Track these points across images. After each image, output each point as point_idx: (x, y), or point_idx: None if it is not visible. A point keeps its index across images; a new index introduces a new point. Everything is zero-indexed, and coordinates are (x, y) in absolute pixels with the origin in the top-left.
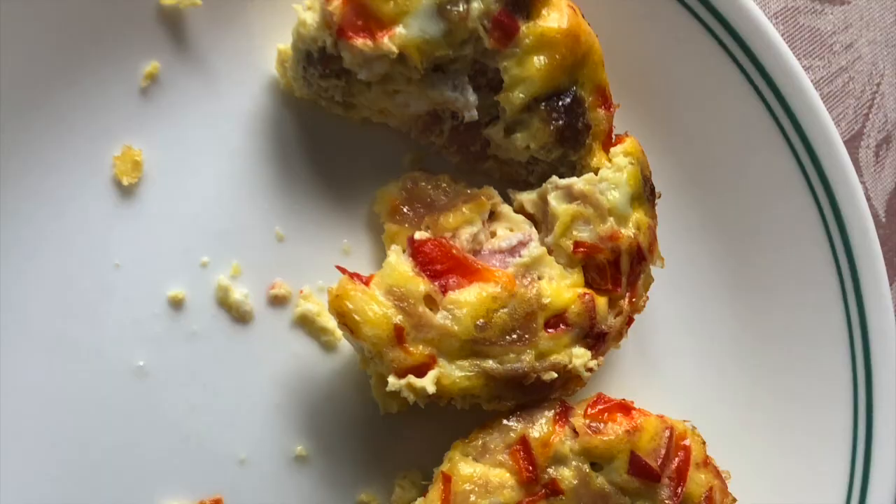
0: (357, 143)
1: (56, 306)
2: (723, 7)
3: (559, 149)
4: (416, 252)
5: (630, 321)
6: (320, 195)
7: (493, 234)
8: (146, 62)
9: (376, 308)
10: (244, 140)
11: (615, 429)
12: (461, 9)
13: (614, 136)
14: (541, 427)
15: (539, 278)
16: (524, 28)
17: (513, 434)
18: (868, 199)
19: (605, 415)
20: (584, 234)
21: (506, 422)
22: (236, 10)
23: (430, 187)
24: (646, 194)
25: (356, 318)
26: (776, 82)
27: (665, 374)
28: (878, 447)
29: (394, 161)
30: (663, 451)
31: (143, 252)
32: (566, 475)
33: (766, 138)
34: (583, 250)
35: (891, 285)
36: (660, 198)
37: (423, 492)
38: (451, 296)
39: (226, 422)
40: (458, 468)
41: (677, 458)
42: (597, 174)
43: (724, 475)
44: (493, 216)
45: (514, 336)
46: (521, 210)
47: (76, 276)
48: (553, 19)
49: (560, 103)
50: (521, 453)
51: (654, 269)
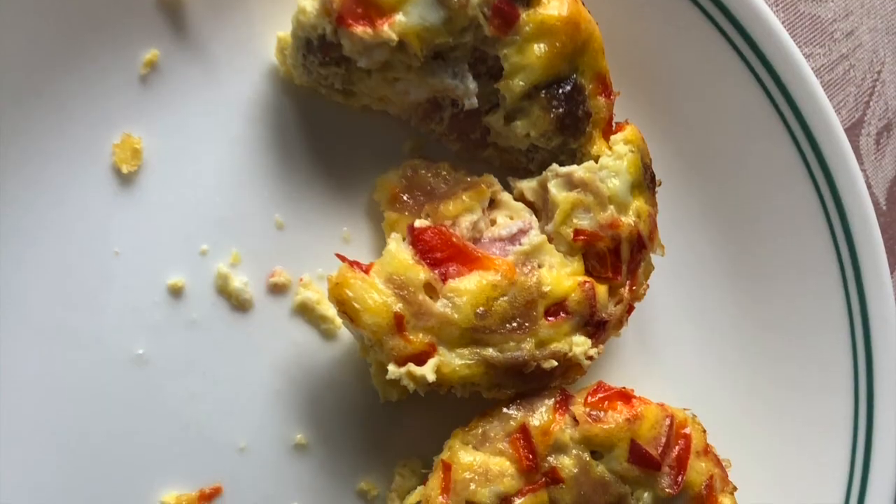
0: (357, 131)
1: (55, 294)
2: None
3: (559, 136)
4: (416, 240)
5: (630, 309)
6: (320, 183)
7: (493, 222)
8: (146, 50)
9: (376, 296)
10: (244, 128)
11: (615, 417)
12: None
13: (614, 124)
14: (541, 415)
15: (539, 266)
16: (524, 15)
17: (513, 422)
18: (869, 186)
19: (606, 403)
20: (584, 221)
21: (506, 410)
22: None
23: (430, 175)
24: (646, 182)
25: (356, 306)
26: (777, 70)
27: (665, 363)
28: (879, 435)
29: (394, 149)
30: (664, 440)
31: (142, 240)
32: (566, 463)
33: (767, 126)
34: (583, 238)
35: (891, 273)
36: (660, 185)
37: (423, 480)
38: (451, 284)
39: (225, 410)
40: (458, 456)
41: (678, 447)
42: (597, 162)
43: (724, 463)
44: (493, 204)
45: (514, 324)
46: (521, 198)
47: (75, 264)
48: (553, 7)
49: (560, 91)
50: (522, 441)
51: (655, 258)
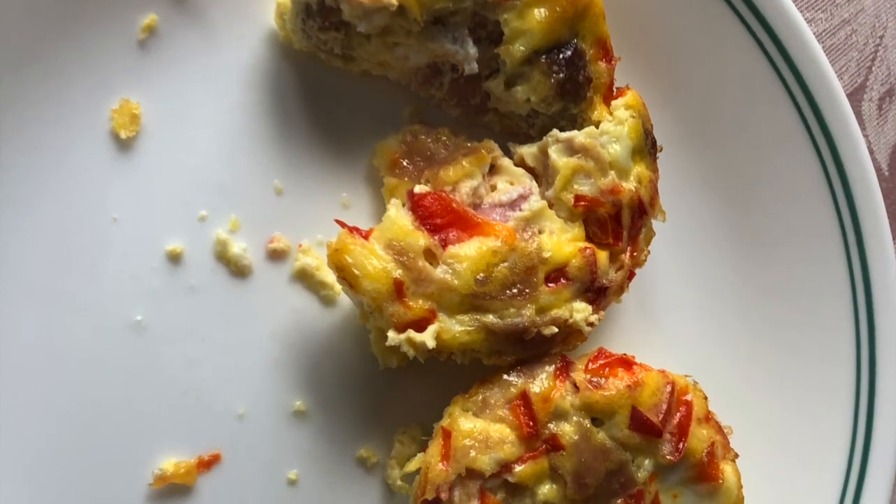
0: (356, 96)
1: (53, 260)
2: None
3: (560, 102)
4: (416, 206)
5: (631, 275)
6: (319, 148)
7: (494, 188)
8: (144, 14)
9: (376, 262)
10: (243, 93)
11: (616, 384)
12: None
13: (615, 90)
14: (541, 382)
15: (539, 232)
16: None
17: (513, 389)
18: (871, 152)
19: (606, 370)
20: (584, 187)
21: (506, 377)
22: None
23: (429, 140)
24: (647, 147)
25: (355, 272)
26: (778, 35)
27: (666, 329)
28: (881, 402)
29: (393, 114)
30: (665, 407)
31: (141, 206)
32: (567, 430)
33: (769, 91)
34: (584, 204)
35: (894, 239)
36: (661, 151)
37: (423, 447)
38: (451, 250)
39: (224, 377)
40: (458, 423)
41: (679, 414)
42: (598, 127)
43: (725, 430)
44: (493, 169)
45: (515, 290)
46: (521, 163)
47: (73, 230)
48: None
49: (561, 56)
50: (522, 408)
51: (656, 223)
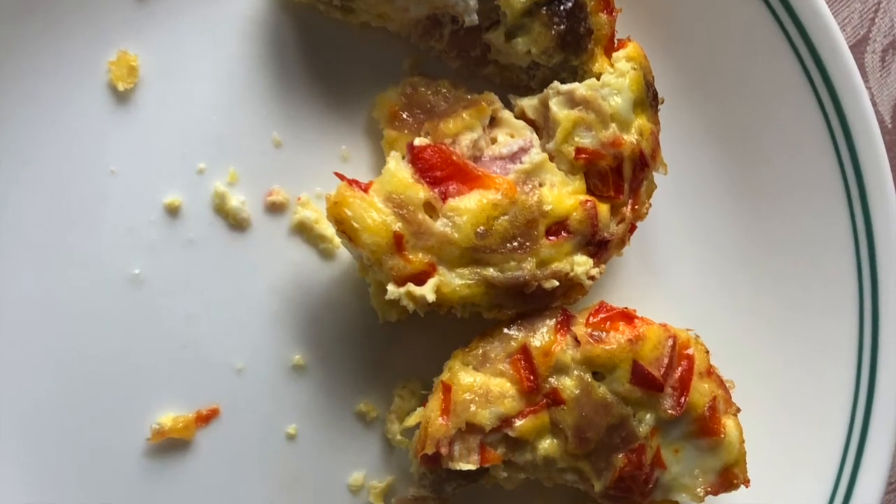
0: (356, 48)
1: (51, 213)
2: None
3: (560, 54)
4: (416, 158)
5: (632, 228)
6: (318, 100)
7: (494, 141)
8: None
9: (375, 215)
10: (241, 45)
11: (617, 338)
12: None
13: (616, 41)
14: (542, 336)
15: (540, 185)
16: None
17: (514, 343)
18: (874, 104)
19: (608, 323)
20: (585, 140)
21: (506, 330)
22: None
23: (429, 93)
24: (648, 100)
25: (355, 225)
26: None
27: (668, 283)
28: (884, 356)
29: (393, 66)
30: (666, 361)
31: (138, 158)
32: (568, 385)
33: (771, 43)
34: (584, 157)
35: None
36: (663, 103)
37: (423, 401)
38: (451, 203)
39: (223, 330)
40: (458, 378)
41: (680, 368)
42: (599, 79)
43: (727, 384)
44: (493, 122)
45: (515, 244)
46: (521, 116)
47: (71, 182)
48: None
49: (561, 7)
50: (522, 362)
51: (657, 176)
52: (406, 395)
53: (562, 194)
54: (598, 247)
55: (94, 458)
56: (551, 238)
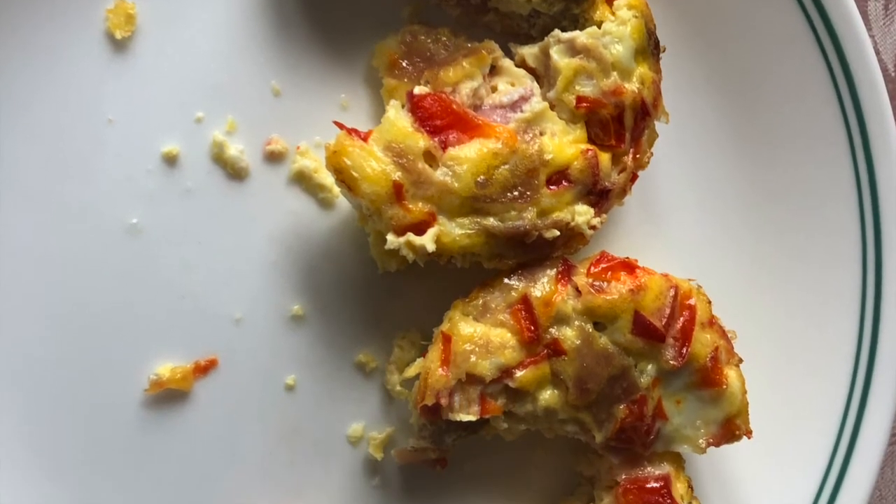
0: None
1: (47, 163)
2: None
3: (561, 1)
4: (416, 107)
5: (634, 178)
6: (317, 49)
7: (494, 89)
8: None
9: (375, 164)
10: None
11: (619, 288)
12: None
13: None
14: (543, 286)
15: (541, 134)
16: None
17: (514, 293)
18: (877, 52)
19: (609, 273)
20: (586, 88)
21: (507, 280)
22: None
23: (429, 41)
24: (650, 48)
25: (354, 174)
26: None
27: (669, 232)
28: (888, 305)
29: (393, 14)
30: (668, 311)
31: (136, 107)
32: (568, 335)
33: None
34: (586, 105)
35: None
36: (664, 52)
37: (423, 352)
38: (451, 152)
39: (221, 280)
40: (458, 328)
41: (682, 318)
42: (600, 27)
43: (729, 335)
44: (493, 70)
45: (516, 193)
46: (522, 64)
47: (68, 131)
48: None
49: None
50: (523, 313)
51: (659, 125)
52: (406, 345)
53: (563, 143)
54: (600, 196)
55: (91, 409)
56: (552, 187)
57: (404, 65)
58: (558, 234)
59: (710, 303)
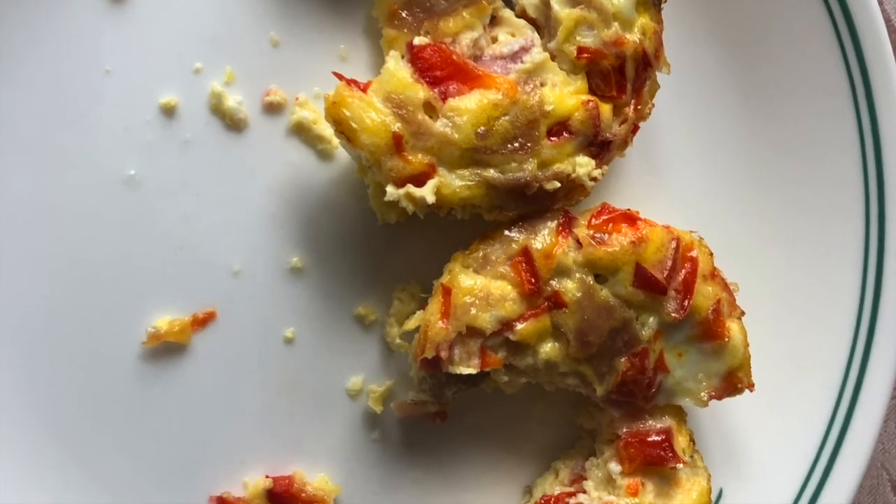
0: None
1: (45, 113)
2: None
3: None
4: (416, 58)
5: (635, 129)
6: None
7: (495, 40)
8: None
9: (374, 115)
10: None
11: (620, 240)
12: None
13: None
14: (543, 238)
15: (542, 85)
16: None
17: (514, 245)
18: (880, 3)
19: (610, 225)
20: (587, 39)
21: (507, 232)
22: None
23: None
24: None
25: (353, 125)
26: None
27: (671, 184)
28: (891, 257)
29: None
30: (669, 263)
31: (134, 58)
32: (569, 288)
33: None
34: (587, 56)
35: None
36: (666, 2)
37: (423, 305)
38: (452, 103)
39: (219, 232)
40: (458, 280)
41: (684, 270)
42: None
43: (731, 287)
44: (494, 21)
45: (516, 144)
46: (522, 14)
47: (66, 82)
48: None
49: None
50: (524, 265)
51: (660, 76)
52: (405, 298)
53: (563, 94)
54: (601, 147)
55: (89, 362)
56: (553, 139)
57: (404, 15)
58: (559, 185)
59: (711, 255)
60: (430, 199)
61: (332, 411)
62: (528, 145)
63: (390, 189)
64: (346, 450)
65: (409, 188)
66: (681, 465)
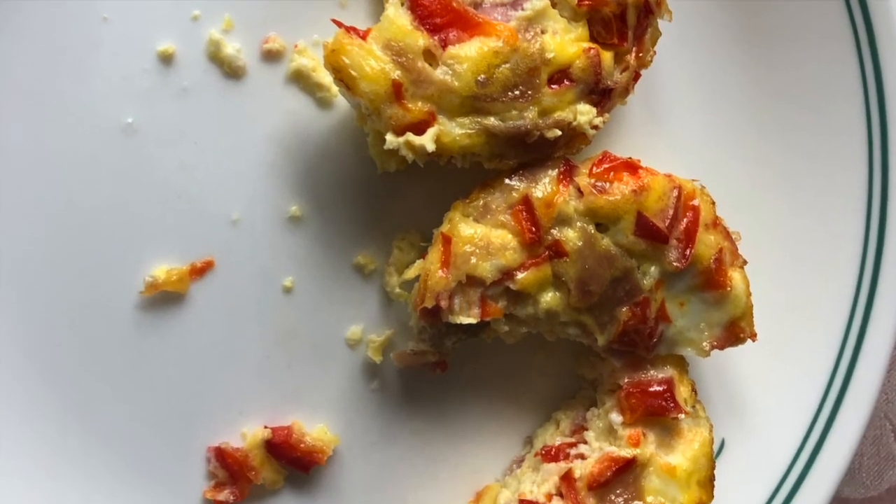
0: None
1: (42, 61)
2: None
3: None
4: (415, 5)
5: (637, 76)
6: None
7: None
8: None
9: (374, 63)
10: None
11: (621, 188)
12: None
13: None
14: (544, 186)
15: (542, 32)
16: None
17: (515, 194)
18: None
19: (611, 174)
20: None
21: (508, 181)
22: None
23: None
24: None
25: (353, 73)
26: None
27: (673, 132)
28: (894, 204)
29: None
30: (671, 212)
31: (131, 4)
32: (570, 236)
33: None
34: (587, 3)
35: None
36: None
37: (423, 253)
38: (451, 50)
39: (217, 181)
40: (458, 229)
41: (686, 219)
42: None
43: (734, 236)
44: None
45: (517, 92)
46: None
47: (62, 29)
48: None
49: None
50: (524, 214)
51: (662, 23)
52: (405, 246)
53: (564, 42)
54: (602, 95)
55: (86, 311)
56: (553, 86)
57: None
58: (560, 133)
59: (713, 203)
60: (430, 147)
61: (332, 361)
62: (529, 93)
63: (390, 137)
64: (346, 400)
65: (409, 136)
66: (682, 416)
